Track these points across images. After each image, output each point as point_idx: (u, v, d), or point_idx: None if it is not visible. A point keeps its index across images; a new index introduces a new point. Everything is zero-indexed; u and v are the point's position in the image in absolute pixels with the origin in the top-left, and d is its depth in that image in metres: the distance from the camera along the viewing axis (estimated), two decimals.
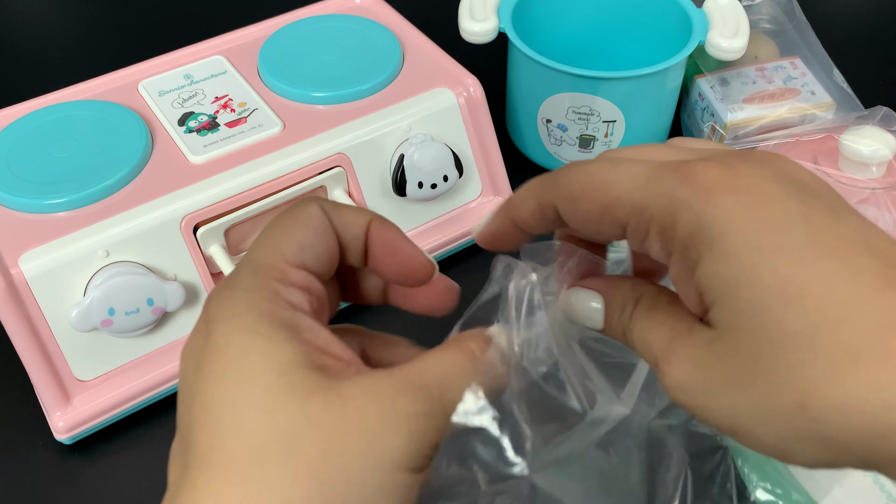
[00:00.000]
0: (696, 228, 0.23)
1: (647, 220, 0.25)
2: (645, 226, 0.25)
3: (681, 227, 0.24)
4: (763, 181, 0.23)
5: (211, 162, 0.50)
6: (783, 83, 0.63)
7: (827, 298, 0.22)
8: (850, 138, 0.54)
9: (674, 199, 0.24)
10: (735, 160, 0.24)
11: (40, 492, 0.47)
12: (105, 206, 0.47)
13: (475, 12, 0.60)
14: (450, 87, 0.55)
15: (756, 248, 0.22)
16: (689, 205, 0.23)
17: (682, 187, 0.24)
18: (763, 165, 0.24)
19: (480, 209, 0.58)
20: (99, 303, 0.44)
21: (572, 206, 0.27)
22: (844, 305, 0.21)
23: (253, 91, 0.55)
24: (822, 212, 0.23)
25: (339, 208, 0.29)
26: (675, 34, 0.61)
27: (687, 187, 0.24)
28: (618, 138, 0.60)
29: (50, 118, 0.52)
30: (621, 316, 0.27)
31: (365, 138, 0.52)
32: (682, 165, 0.24)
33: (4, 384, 0.51)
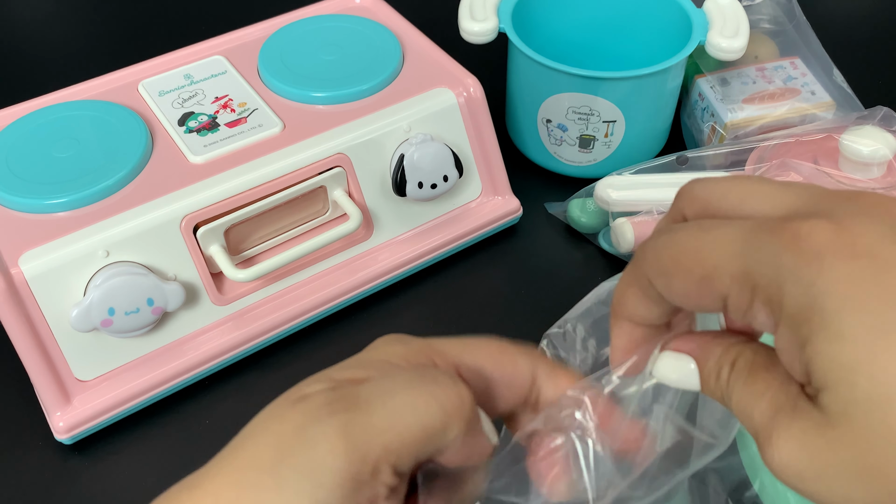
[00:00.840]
0: (806, 303, 0.21)
1: (749, 291, 0.22)
2: (748, 297, 0.22)
3: (789, 300, 0.21)
4: (881, 241, 0.20)
5: (211, 162, 0.50)
6: (783, 83, 0.63)
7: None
8: (851, 138, 0.54)
9: (779, 267, 0.21)
10: (845, 213, 0.21)
11: (40, 492, 0.47)
12: (105, 206, 0.47)
13: (475, 12, 0.60)
14: (450, 87, 0.55)
15: (878, 330, 0.20)
16: (797, 275, 0.21)
17: (787, 253, 0.21)
18: (878, 219, 0.21)
19: (480, 209, 0.58)
20: (99, 303, 0.44)
21: (667, 283, 0.24)
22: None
23: (253, 91, 0.55)
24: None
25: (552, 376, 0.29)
26: (675, 34, 0.61)
27: (793, 253, 0.21)
28: (618, 138, 0.60)
29: (50, 118, 0.52)
30: (717, 381, 0.25)
31: (365, 138, 0.52)
32: (783, 225, 0.21)
33: (4, 384, 0.51)
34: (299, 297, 0.52)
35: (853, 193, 0.23)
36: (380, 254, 0.55)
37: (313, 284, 0.53)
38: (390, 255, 0.55)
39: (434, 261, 0.57)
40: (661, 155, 0.59)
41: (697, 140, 0.65)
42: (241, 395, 0.51)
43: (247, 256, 0.52)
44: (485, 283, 0.57)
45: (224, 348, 0.50)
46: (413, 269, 0.56)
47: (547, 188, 0.63)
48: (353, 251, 0.54)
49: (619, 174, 0.57)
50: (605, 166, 0.61)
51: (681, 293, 0.24)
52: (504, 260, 0.59)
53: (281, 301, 0.52)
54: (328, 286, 0.53)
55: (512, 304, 0.56)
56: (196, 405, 0.51)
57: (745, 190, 0.24)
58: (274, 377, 0.52)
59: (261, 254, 0.52)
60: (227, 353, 0.50)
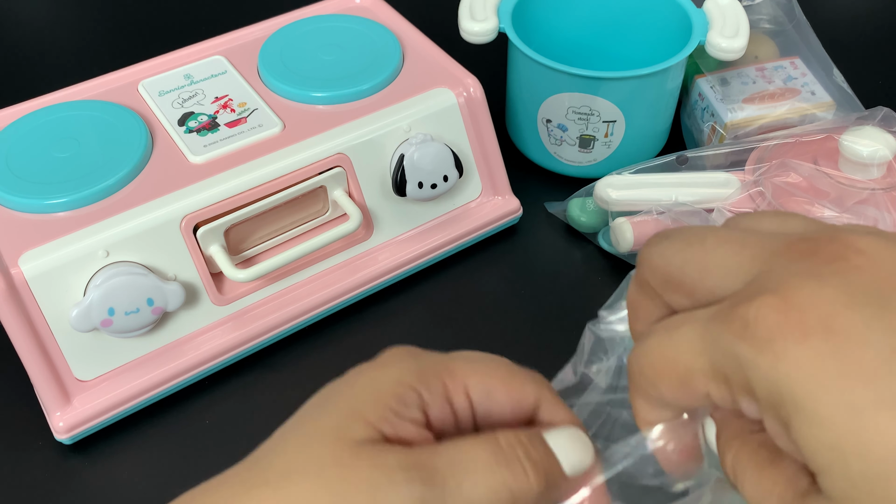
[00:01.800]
0: (774, 390, 0.20)
1: (724, 384, 0.22)
2: (726, 390, 0.22)
3: (757, 390, 0.21)
4: (832, 311, 0.20)
5: (211, 162, 0.50)
6: (783, 83, 0.63)
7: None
8: (850, 139, 0.54)
9: (738, 359, 0.21)
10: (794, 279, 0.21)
11: (40, 492, 0.47)
12: (105, 206, 0.47)
13: (475, 12, 0.60)
14: (450, 87, 0.55)
15: (851, 409, 0.19)
16: (755, 364, 0.20)
17: (741, 344, 0.21)
18: (828, 280, 0.20)
19: (480, 209, 0.58)
20: (99, 303, 0.44)
21: (658, 392, 0.25)
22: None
23: (253, 91, 0.55)
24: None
25: (560, 410, 0.29)
26: (675, 34, 0.61)
27: (746, 344, 0.21)
28: (618, 138, 0.60)
29: (50, 118, 0.52)
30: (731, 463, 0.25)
31: (365, 138, 0.52)
32: (733, 313, 0.21)
33: (4, 384, 0.51)
34: (299, 297, 0.52)
35: (813, 245, 0.22)
36: (380, 254, 0.55)
37: (313, 284, 0.53)
38: (390, 255, 0.55)
39: (434, 261, 0.57)
40: (661, 155, 0.59)
41: (697, 140, 0.65)
42: (241, 395, 0.51)
43: (247, 256, 0.52)
44: (485, 283, 0.58)
45: (224, 348, 0.50)
46: (413, 269, 0.56)
47: (547, 188, 0.63)
48: (353, 251, 0.54)
49: (619, 174, 0.57)
50: (605, 166, 0.61)
51: (672, 399, 0.24)
52: (504, 260, 0.59)
53: (281, 301, 0.52)
54: (328, 286, 0.53)
55: (512, 303, 0.56)
56: (196, 405, 0.51)
57: (701, 263, 0.24)
58: (274, 377, 0.52)
59: (261, 254, 0.52)
60: (227, 353, 0.50)
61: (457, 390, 0.27)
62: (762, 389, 0.21)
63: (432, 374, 0.27)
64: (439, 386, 0.27)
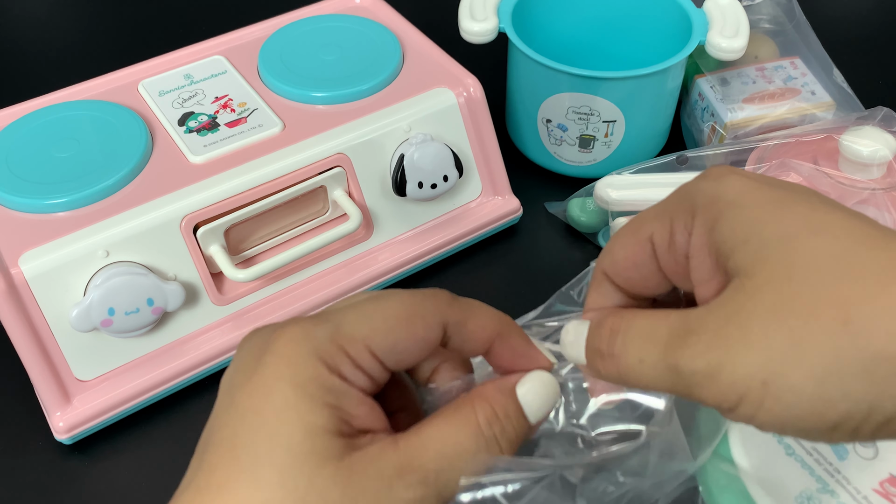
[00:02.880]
0: (714, 195, 0.26)
1: (669, 217, 0.27)
2: (667, 221, 0.27)
3: (699, 198, 0.26)
4: (758, 178, 0.26)
5: (211, 162, 0.50)
6: (783, 83, 0.63)
7: (854, 229, 0.22)
8: (850, 139, 0.54)
9: (690, 188, 0.27)
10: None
11: (40, 492, 0.47)
12: (105, 206, 0.47)
13: (475, 12, 0.60)
14: (450, 87, 0.55)
15: (773, 201, 0.24)
16: (705, 182, 0.26)
17: (697, 181, 0.27)
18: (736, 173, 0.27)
19: (480, 209, 0.58)
20: (99, 303, 0.44)
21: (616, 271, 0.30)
22: (871, 235, 0.22)
23: (253, 91, 0.55)
24: (816, 196, 0.25)
25: (465, 322, 0.29)
26: (675, 34, 0.61)
27: (701, 178, 0.27)
28: (618, 138, 0.60)
29: (50, 118, 0.52)
30: (601, 333, 0.28)
31: (365, 138, 0.52)
32: (688, 184, 0.28)
33: (4, 384, 0.51)
34: (299, 297, 0.52)
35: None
36: (380, 254, 0.55)
37: (313, 284, 0.53)
38: (390, 255, 0.55)
39: (434, 261, 0.57)
40: (661, 155, 0.59)
41: (697, 140, 0.65)
42: None
43: (247, 256, 0.52)
44: (485, 283, 0.57)
45: (224, 348, 0.50)
46: (413, 269, 0.56)
47: (547, 188, 0.63)
48: (353, 251, 0.54)
49: (619, 174, 0.57)
50: (605, 166, 0.61)
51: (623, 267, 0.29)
52: (504, 260, 0.59)
53: (281, 301, 0.52)
54: (328, 286, 0.53)
55: (512, 303, 0.56)
56: (196, 405, 0.51)
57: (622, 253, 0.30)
58: None
59: (261, 254, 0.52)
60: (228, 353, 0.50)
61: (361, 354, 0.27)
62: (702, 197, 0.26)
63: (333, 349, 0.26)
64: (344, 359, 0.26)
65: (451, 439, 0.26)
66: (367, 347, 0.27)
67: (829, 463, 0.35)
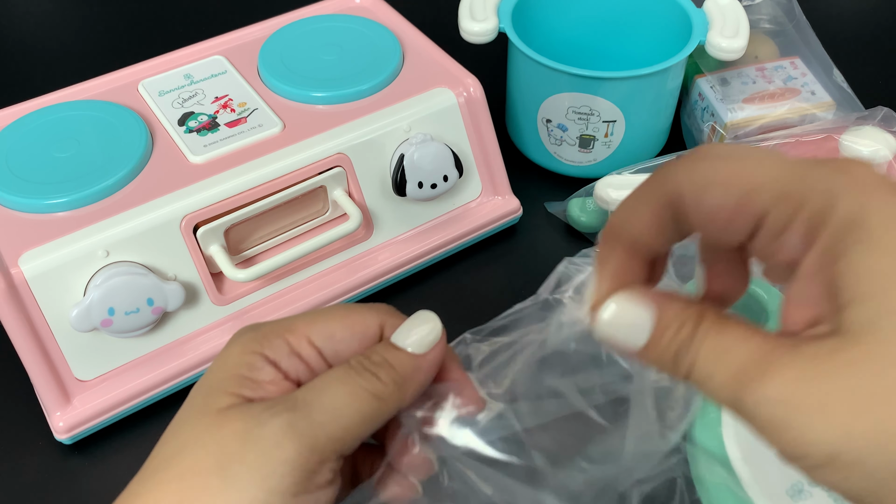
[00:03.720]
0: (855, 217, 0.21)
1: (793, 208, 0.22)
2: (790, 214, 0.22)
3: (839, 214, 0.22)
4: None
5: (211, 162, 0.50)
6: (783, 83, 0.63)
7: None
8: (851, 139, 0.54)
9: (832, 185, 0.22)
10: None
11: (40, 492, 0.47)
12: (105, 206, 0.47)
13: (475, 12, 0.60)
14: (450, 87, 0.55)
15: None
16: (850, 193, 0.22)
17: (840, 177, 0.22)
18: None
19: (480, 209, 0.58)
20: (99, 303, 0.44)
21: (699, 197, 0.23)
22: None
23: (253, 91, 0.55)
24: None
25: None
26: (675, 34, 0.61)
27: (845, 178, 0.22)
28: (618, 138, 0.60)
29: (50, 118, 0.52)
30: (677, 335, 0.24)
31: (365, 138, 0.52)
32: (833, 160, 0.23)
33: (4, 384, 0.51)
34: (299, 297, 0.52)
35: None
36: (380, 254, 0.55)
37: (313, 284, 0.53)
38: (390, 255, 0.55)
39: (434, 261, 0.57)
40: (661, 155, 0.59)
41: (697, 140, 0.65)
42: None
43: (247, 256, 0.52)
44: (485, 283, 0.57)
45: None
46: (413, 269, 0.56)
47: (547, 188, 0.63)
48: (353, 251, 0.54)
49: (619, 174, 0.57)
50: (605, 166, 0.61)
51: (712, 209, 0.23)
52: (504, 260, 0.59)
53: (281, 301, 0.52)
54: (328, 286, 0.53)
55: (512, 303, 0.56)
56: None
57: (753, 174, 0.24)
58: None
59: (261, 254, 0.52)
60: None
61: (300, 343, 0.29)
62: (844, 214, 0.21)
63: (273, 335, 0.29)
64: (282, 344, 0.29)
65: (322, 376, 0.29)
66: (306, 336, 0.30)
67: None
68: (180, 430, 0.29)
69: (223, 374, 0.29)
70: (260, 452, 0.26)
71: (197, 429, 0.28)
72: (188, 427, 0.28)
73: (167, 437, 0.29)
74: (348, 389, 0.28)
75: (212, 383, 0.29)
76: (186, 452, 0.27)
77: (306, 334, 0.30)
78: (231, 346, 0.30)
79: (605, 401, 0.30)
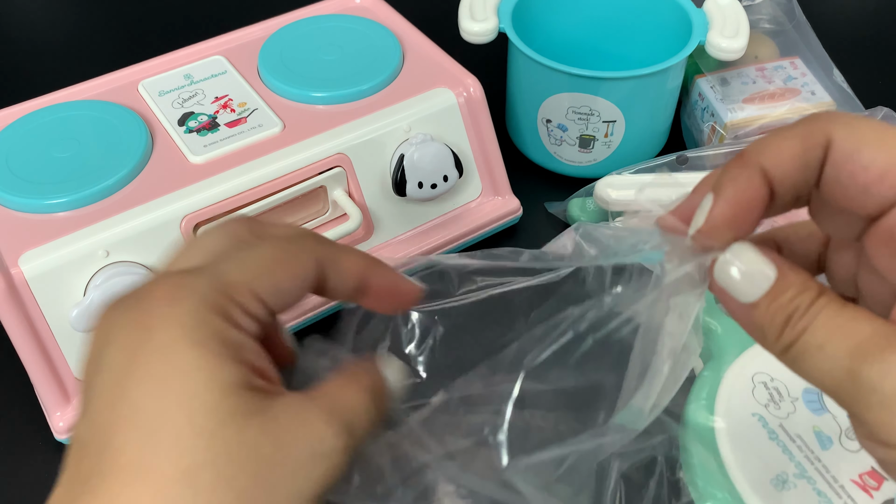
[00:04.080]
0: None
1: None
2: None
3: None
4: None
5: (211, 162, 0.50)
6: (783, 83, 0.63)
7: None
8: None
9: None
10: None
11: (40, 492, 0.47)
12: (105, 206, 0.47)
13: (475, 12, 0.60)
14: (450, 87, 0.55)
15: None
16: None
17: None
18: None
19: (480, 209, 0.58)
20: (99, 303, 0.44)
21: (851, 151, 0.22)
22: None
23: (253, 91, 0.55)
24: None
25: (337, 260, 0.28)
26: (675, 34, 0.61)
27: None
28: (618, 138, 0.60)
29: (50, 118, 0.52)
30: (795, 298, 0.23)
31: (365, 138, 0.52)
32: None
33: (4, 384, 0.51)
34: None
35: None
36: (380, 254, 0.55)
37: None
38: (390, 255, 0.55)
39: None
40: (661, 155, 0.59)
41: (697, 140, 0.65)
42: None
43: None
44: None
45: None
46: (413, 269, 0.56)
47: (547, 188, 0.63)
48: None
49: (619, 174, 0.57)
50: (605, 166, 0.61)
51: (858, 167, 0.22)
52: None
53: None
54: None
55: None
56: None
57: None
58: None
59: None
60: None
61: (249, 302, 0.25)
62: None
63: (221, 301, 0.24)
64: (234, 307, 0.25)
65: (354, 399, 0.26)
66: (252, 291, 0.25)
67: (810, 450, 0.36)
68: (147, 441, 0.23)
69: (215, 362, 0.24)
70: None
71: (242, 435, 0.24)
72: (225, 433, 0.23)
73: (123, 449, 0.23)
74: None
75: (213, 373, 0.23)
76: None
77: (250, 289, 0.25)
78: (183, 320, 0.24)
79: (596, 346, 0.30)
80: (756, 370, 0.39)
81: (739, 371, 0.40)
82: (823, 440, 0.36)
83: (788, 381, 0.39)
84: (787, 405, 0.38)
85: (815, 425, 0.37)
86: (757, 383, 0.39)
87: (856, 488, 0.34)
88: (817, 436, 0.36)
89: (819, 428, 0.37)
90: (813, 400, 0.38)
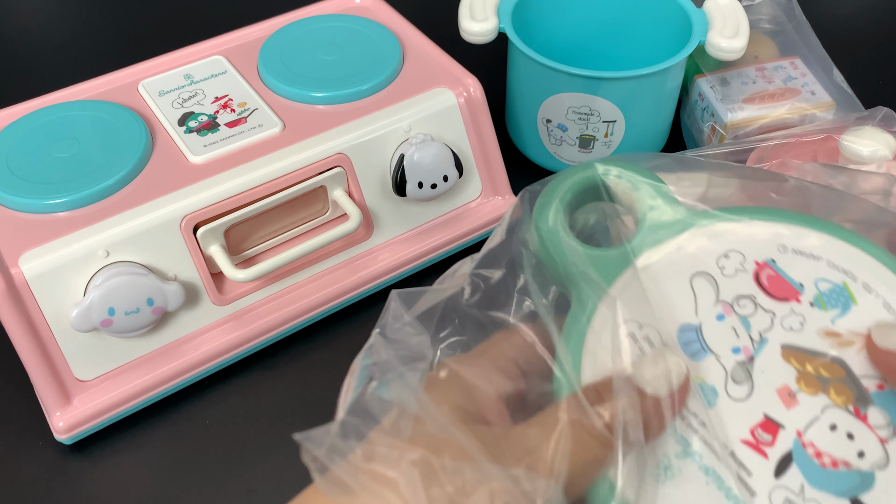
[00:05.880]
0: None
1: None
2: None
3: None
4: None
5: (211, 162, 0.50)
6: (783, 83, 0.63)
7: None
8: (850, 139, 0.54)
9: None
10: None
11: (40, 492, 0.47)
12: (105, 206, 0.47)
13: (475, 12, 0.60)
14: (450, 87, 0.55)
15: None
16: None
17: None
18: None
19: (480, 209, 0.58)
20: (99, 303, 0.44)
21: None
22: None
23: (253, 91, 0.55)
24: None
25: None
26: (675, 34, 0.61)
27: None
28: (618, 138, 0.60)
29: (50, 118, 0.52)
30: None
31: (365, 138, 0.52)
32: None
33: (4, 384, 0.51)
34: (299, 297, 0.52)
35: None
36: (380, 254, 0.55)
37: (313, 284, 0.53)
38: (390, 255, 0.55)
39: (434, 261, 0.57)
40: None
41: (697, 140, 0.65)
42: (241, 395, 0.51)
43: (247, 256, 0.52)
44: None
45: (224, 348, 0.50)
46: (413, 270, 0.56)
47: None
48: (353, 251, 0.54)
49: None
50: None
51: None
52: None
53: (281, 301, 0.52)
54: (328, 286, 0.53)
55: None
56: (196, 405, 0.51)
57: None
58: (274, 377, 0.52)
59: (261, 254, 0.52)
60: (227, 353, 0.50)
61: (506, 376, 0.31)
62: None
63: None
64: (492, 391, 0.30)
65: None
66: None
67: (694, 415, 0.30)
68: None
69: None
70: None
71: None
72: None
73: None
74: None
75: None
76: None
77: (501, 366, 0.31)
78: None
79: None
80: (620, 320, 0.31)
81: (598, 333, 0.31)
82: (707, 394, 0.30)
83: (661, 319, 0.31)
84: None
85: (697, 376, 0.30)
86: (623, 338, 0.31)
87: (748, 450, 0.29)
88: (701, 389, 0.30)
89: (701, 378, 0.30)
90: (692, 340, 0.31)
